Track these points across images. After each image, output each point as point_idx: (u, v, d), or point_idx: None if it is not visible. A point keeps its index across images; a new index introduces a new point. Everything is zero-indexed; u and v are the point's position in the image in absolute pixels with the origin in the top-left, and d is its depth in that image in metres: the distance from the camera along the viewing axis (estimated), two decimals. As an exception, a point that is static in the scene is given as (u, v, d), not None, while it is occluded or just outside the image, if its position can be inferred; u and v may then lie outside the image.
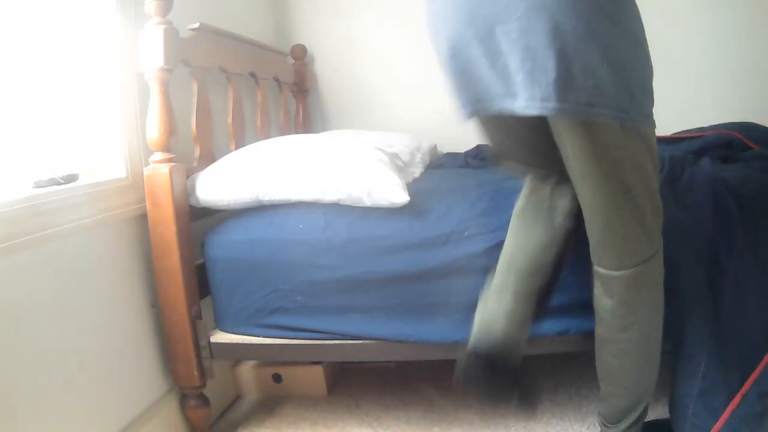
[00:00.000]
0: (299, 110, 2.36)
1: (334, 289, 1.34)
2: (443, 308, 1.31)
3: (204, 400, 1.46)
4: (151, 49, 1.34)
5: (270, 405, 1.70)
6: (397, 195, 1.31)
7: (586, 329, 1.16)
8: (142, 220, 1.40)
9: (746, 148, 1.63)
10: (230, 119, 1.77)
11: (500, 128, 1.12)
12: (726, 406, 1.13)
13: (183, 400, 1.47)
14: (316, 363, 1.71)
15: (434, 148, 2.09)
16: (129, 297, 1.39)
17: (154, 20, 1.34)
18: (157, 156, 1.36)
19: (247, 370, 1.76)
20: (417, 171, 1.70)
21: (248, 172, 1.40)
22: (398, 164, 1.51)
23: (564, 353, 1.44)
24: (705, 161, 1.48)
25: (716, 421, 1.13)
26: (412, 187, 1.41)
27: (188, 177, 1.43)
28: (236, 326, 1.43)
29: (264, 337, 1.41)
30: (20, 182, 1.21)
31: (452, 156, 2.08)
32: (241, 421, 1.61)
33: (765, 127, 1.74)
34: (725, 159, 1.56)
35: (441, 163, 2.01)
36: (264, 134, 1.99)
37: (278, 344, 1.40)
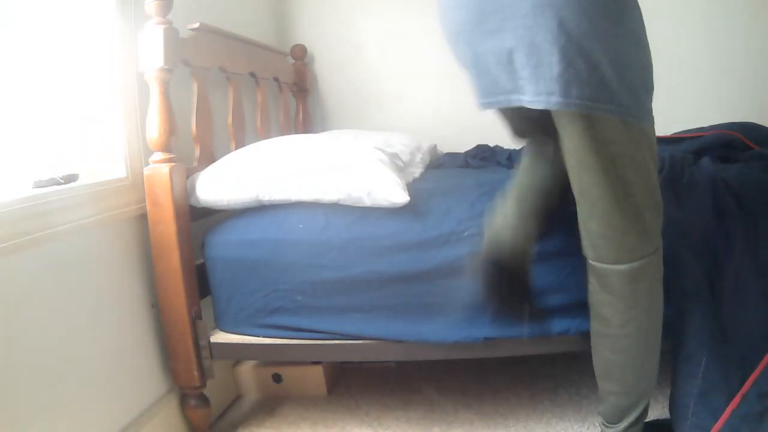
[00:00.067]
0: (299, 110, 2.36)
1: (334, 289, 1.34)
2: (443, 308, 1.31)
3: (204, 400, 1.46)
4: (151, 49, 1.34)
5: (270, 405, 1.70)
6: (397, 195, 1.31)
7: (586, 329, 1.16)
8: (142, 220, 1.40)
9: (746, 148, 1.63)
10: (230, 119, 1.78)
11: (515, 114, 1.18)
12: (726, 406, 1.14)
13: (183, 400, 1.47)
14: (316, 363, 1.71)
15: (434, 148, 2.10)
16: (129, 297, 1.39)
17: (154, 20, 1.34)
18: (157, 156, 1.37)
19: (247, 370, 1.76)
20: (417, 171, 1.70)
21: (248, 172, 1.40)
22: (398, 164, 1.51)
23: (564, 353, 1.44)
24: (705, 161, 1.48)
25: (716, 421, 1.13)
26: (412, 187, 1.41)
27: (188, 177, 1.43)
28: (236, 326, 1.43)
29: (264, 337, 1.41)
30: (20, 182, 1.21)
31: (452, 156, 2.08)
32: (241, 421, 1.61)
33: (765, 127, 1.74)
34: (725, 159, 1.56)
35: (441, 163, 2.00)
36: (264, 134, 1.99)
37: (278, 344, 1.40)
